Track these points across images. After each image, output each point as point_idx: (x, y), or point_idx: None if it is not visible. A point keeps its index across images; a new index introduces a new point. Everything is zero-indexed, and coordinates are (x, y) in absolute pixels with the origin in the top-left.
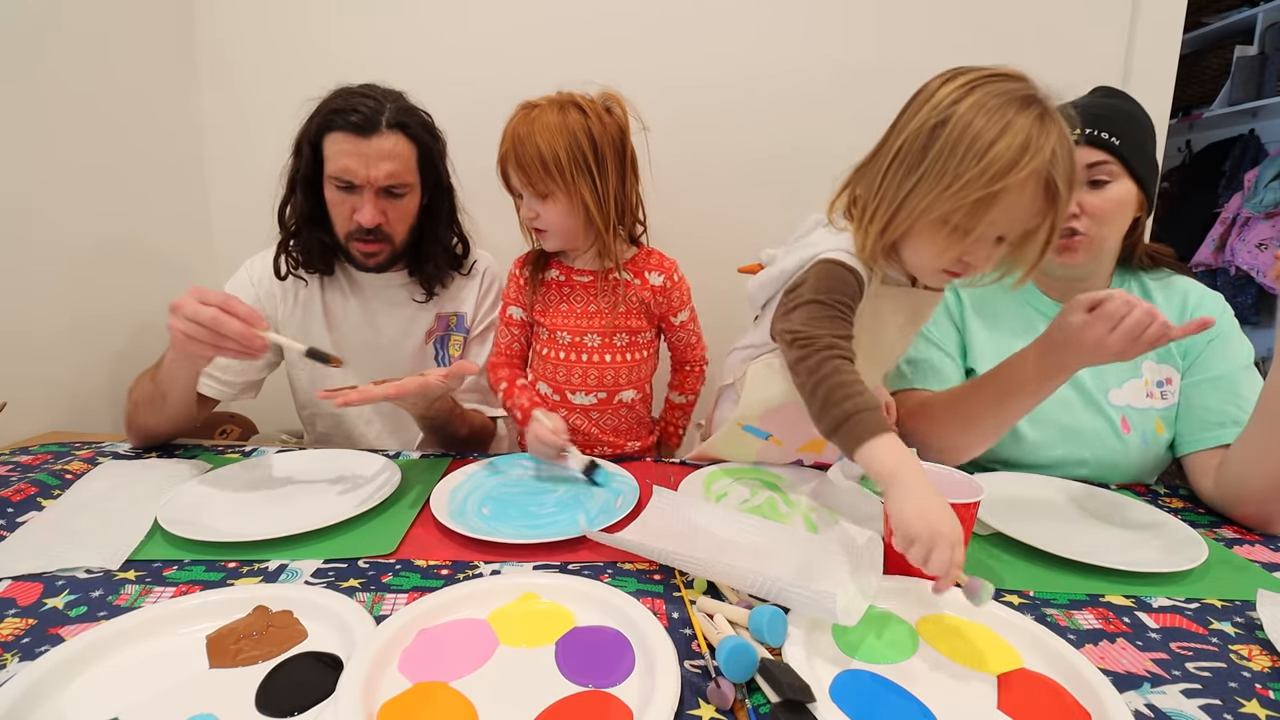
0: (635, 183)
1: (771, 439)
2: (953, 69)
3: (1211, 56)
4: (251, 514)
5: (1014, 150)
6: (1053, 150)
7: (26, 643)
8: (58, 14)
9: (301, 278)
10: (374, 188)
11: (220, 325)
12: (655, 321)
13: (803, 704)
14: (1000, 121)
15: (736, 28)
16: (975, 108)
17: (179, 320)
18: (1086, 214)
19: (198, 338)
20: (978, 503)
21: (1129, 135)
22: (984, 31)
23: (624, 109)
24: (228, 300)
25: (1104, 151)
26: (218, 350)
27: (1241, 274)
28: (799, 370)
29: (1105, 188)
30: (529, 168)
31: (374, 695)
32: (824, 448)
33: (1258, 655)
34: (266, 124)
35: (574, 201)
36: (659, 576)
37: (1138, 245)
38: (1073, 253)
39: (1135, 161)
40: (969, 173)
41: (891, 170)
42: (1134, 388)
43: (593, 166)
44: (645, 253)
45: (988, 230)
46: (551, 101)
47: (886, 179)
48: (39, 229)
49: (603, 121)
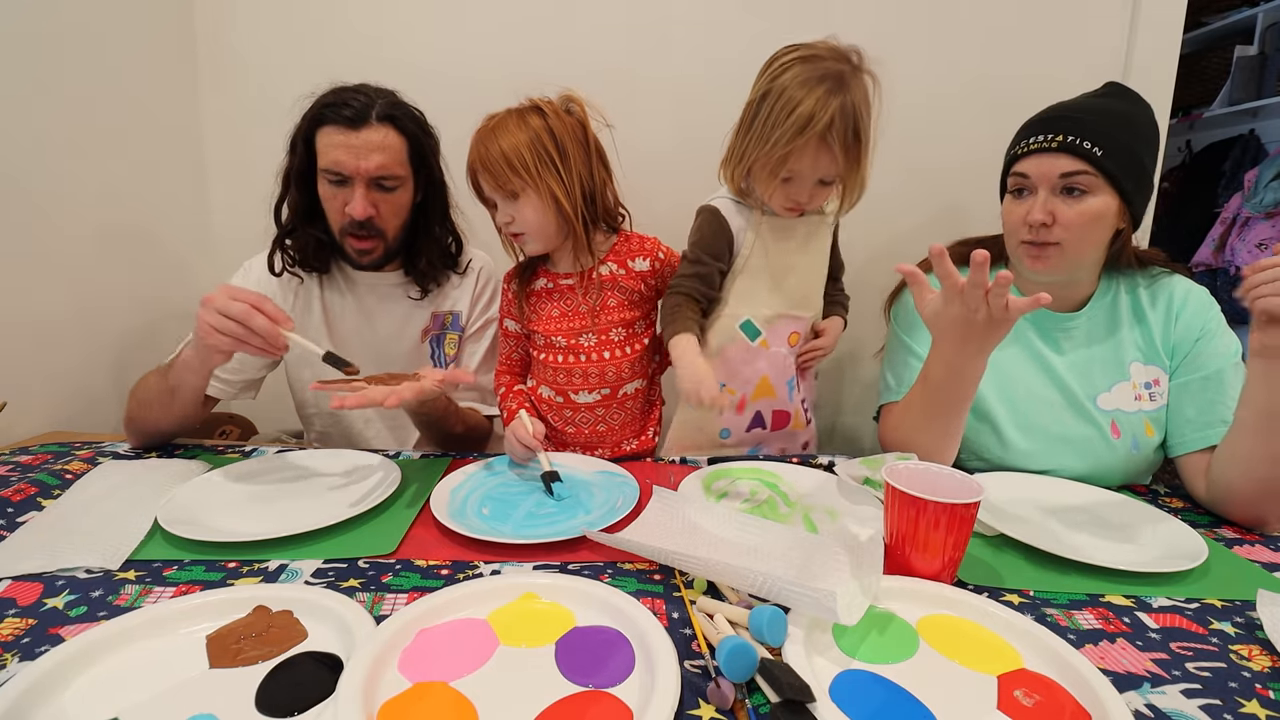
0: (606, 174)
1: (726, 389)
2: (794, 46)
3: (1211, 56)
4: (251, 514)
5: (802, 119)
6: (830, 118)
7: (26, 643)
8: (58, 13)
9: (298, 275)
10: (364, 180)
11: (249, 320)
12: (654, 302)
13: (803, 704)
14: (800, 94)
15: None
16: (788, 81)
17: (208, 313)
18: (1059, 223)
19: (225, 331)
20: (978, 503)
21: (1117, 144)
22: (983, 31)
23: (583, 107)
24: (260, 299)
25: (1081, 160)
26: (242, 345)
27: (1241, 274)
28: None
29: (1081, 198)
30: (495, 169)
31: (374, 695)
32: (775, 392)
33: (1258, 655)
34: (266, 124)
35: (543, 195)
36: (659, 576)
37: (1123, 253)
38: (1043, 260)
39: (1119, 173)
40: (775, 133)
41: (740, 129)
42: (1122, 391)
43: (556, 160)
44: (624, 238)
45: (802, 176)
46: (511, 111)
47: (737, 135)
48: (39, 229)
49: (562, 119)
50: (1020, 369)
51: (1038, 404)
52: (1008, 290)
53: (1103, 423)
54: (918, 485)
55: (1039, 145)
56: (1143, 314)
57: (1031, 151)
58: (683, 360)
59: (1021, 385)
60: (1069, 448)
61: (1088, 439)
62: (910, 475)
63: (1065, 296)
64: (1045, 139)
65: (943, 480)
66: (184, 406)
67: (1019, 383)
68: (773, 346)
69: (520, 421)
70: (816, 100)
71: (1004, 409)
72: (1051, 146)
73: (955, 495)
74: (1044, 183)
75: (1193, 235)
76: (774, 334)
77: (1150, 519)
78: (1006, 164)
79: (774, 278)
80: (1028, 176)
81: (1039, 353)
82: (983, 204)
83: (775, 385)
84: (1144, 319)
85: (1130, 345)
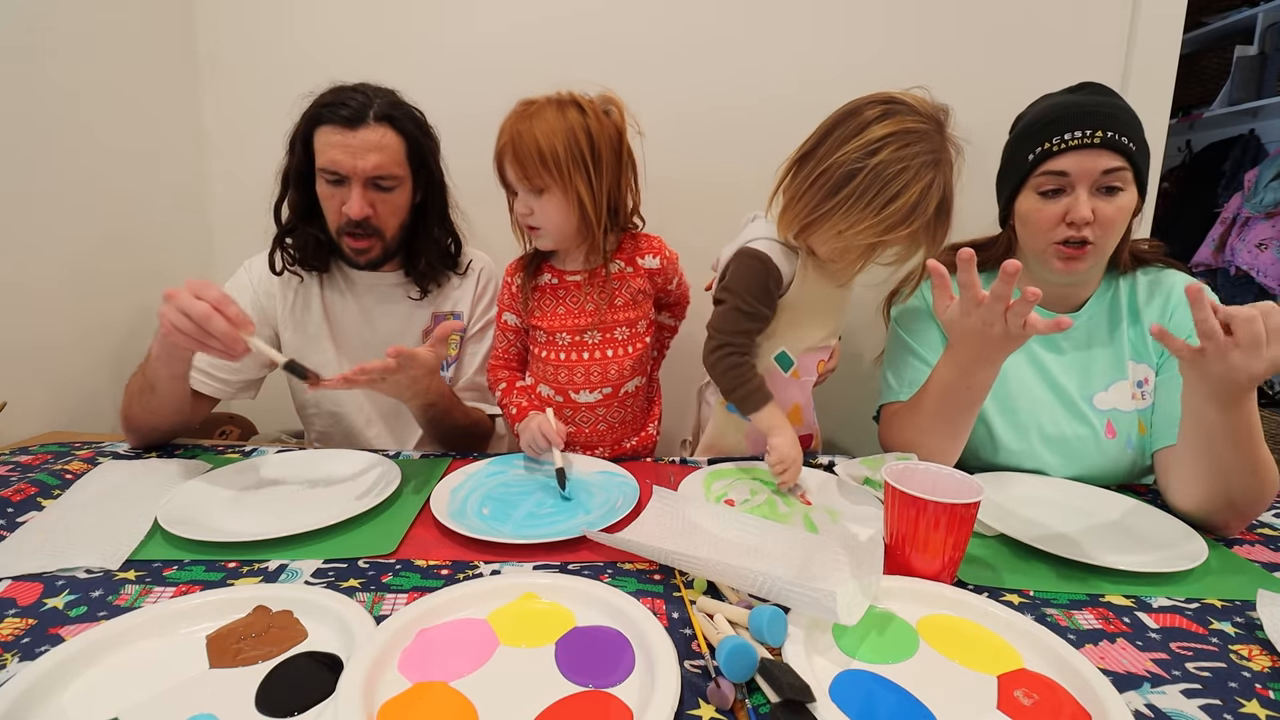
0: (634, 185)
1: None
2: (887, 103)
3: (1211, 56)
4: (251, 514)
5: (901, 214)
6: (932, 210)
7: (26, 643)
8: (58, 14)
9: (298, 274)
10: (361, 179)
11: (208, 322)
12: (654, 299)
13: (803, 704)
14: (898, 184)
15: (736, 29)
16: (884, 165)
17: (170, 310)
18: (1098, 222)
19: (184, 330)
20: (978, 503)
21: (1139, 138)
22: (983, 31)
23: (622, 112)
24: (223, 299)
25: (1121, 156)
26: (200, 346)
27: (1241, 274)
28: (708, 360)
29: (1117, 195)
30: (526, 161)
31: (374, 695)
32: (801, 418)
33: (1258, 655)
34: (266, 124)
35: (569, 197)
36: (659, 576)
37: (1124, 245)
38: (1080, 261)
39: (1144, 169)
40: (866, 222)
41: (812, 189)
42: (1120, 390)
43: (589, 163)
44: (630, 236)
45: (881, 256)
46: (550, 99)
47: (807, 195)
48: (39, 229)
49: (600, 121)
50: (1014, 368)
51: (1030, 404)
52: (1030, 309)
53: (1096, 423)
54: (918, 485)
55: (1079, 141)
56: (1138, 312)
57: (1072, 148)
58: (789, 438)
59: (1015, 384)
60: (1063, 448)
61: (1080, 439)
62: (910, 475)
63: (1069, 295)
64: (1086, 135)
65: (943, 480)
66: (164, 403)
67: (1012, 382)
68: (803, 376)
69: (547, 417)
70: (918, 193)
71: (995, 408)
72: (1094, 142)
73: (955, 495)
74: (1084, 180)
75: (1193, 235)
76: (805, 364)
77: (1150, 519)
78: (1032, 161)
79: (814, 315)
80: (1067, 174)
81: (1035, 352)
82: (973, 204)
83: (804, 412)
84: (1139, 317)
85: (1127, 343)
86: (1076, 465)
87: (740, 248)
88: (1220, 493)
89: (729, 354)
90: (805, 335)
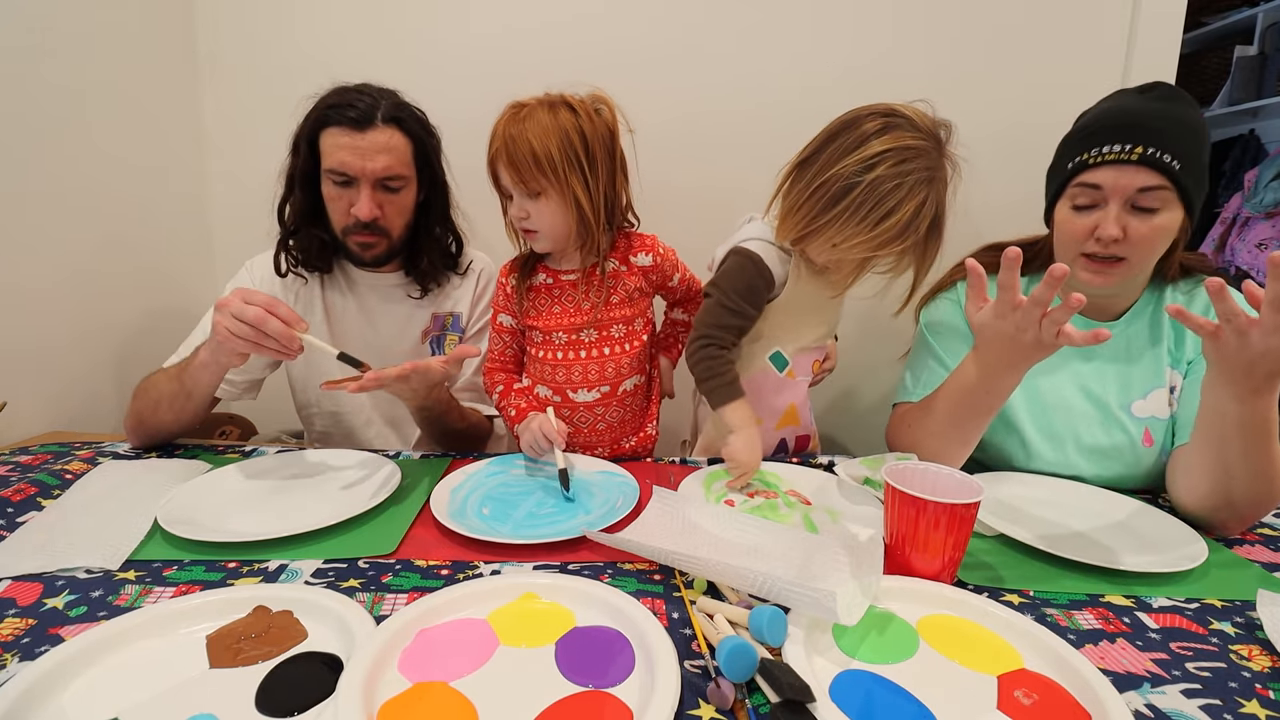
0: (625, 184)
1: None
2: (887, 115)
3: (1211, 56)
4: (251, 514)
5: (895, 230)
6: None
7: (26, 643)
8: (58, 14)
9: (301, 275)
10: (370, 181)
11: (263, 324)
12: (651, 296)
13: (803, 704)
14: (892, 201)
15: (736, 33)
16: (880, 181)
17: (224, 317)
18: (1129, 239)
19: (241, 335)
20: (978, 503)
21: (1191, 156)
22: (984, 32)
23: (613, 110)
24: (272, 302)
25: (1161, 175)
26: (257, 348)
27: (1241, 274)
28: (688, 350)
29: (1154, 215)
30: (521, 165)
31: (374, 695)
32: (798, 418)
33: (1258, 655)
34: (266, 125)
35: (567, 200)
36: (659, 576)
37: (1172, 260)
38: (1105, 276)
39: (1192, 188)
40: (860, 236)
41: (810, 201)
42: (1158, 398)
43: (584, 164)
44: (624, 234)
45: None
46: (541, 101)
47: (805, 206)
48: (39, 230)
49: (593, 121)
50: (1050, 377)
51: (1066, 413)
52: (1068, 317)
53: (1134, 431)
54: (918, 485)
55: (1116, 156)
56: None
57: (1107, 162)
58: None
59: (1051, 394)
60: (1096, 457)
61: (1117, 448)
62: (910, 475)
63: (1107, 306)
64: (1124, 150)
65: (943, 480)
66: (196, 406)
67: (1048, 392)
68: (798, 376)
69: (547, 417)
70: (912, 210)
71: (1030, 418)
72: (1131, 159)
73: (955, 495)
74: (1117, 195)
75: (1193, 235)
76: (799, 364)
77: (1151, 519)
78: (1069, 171)
79: (808, 316)
80: (1100, 188)
81: (1071, 361)
82: (983, 203)
83: (800, 412)
84: (1179, 326)
85: (1166, 353)
86: (1111, 474)
87: (734, 246)
88: (1222, 490)
89: (706, 345)
90: (799, 336)
